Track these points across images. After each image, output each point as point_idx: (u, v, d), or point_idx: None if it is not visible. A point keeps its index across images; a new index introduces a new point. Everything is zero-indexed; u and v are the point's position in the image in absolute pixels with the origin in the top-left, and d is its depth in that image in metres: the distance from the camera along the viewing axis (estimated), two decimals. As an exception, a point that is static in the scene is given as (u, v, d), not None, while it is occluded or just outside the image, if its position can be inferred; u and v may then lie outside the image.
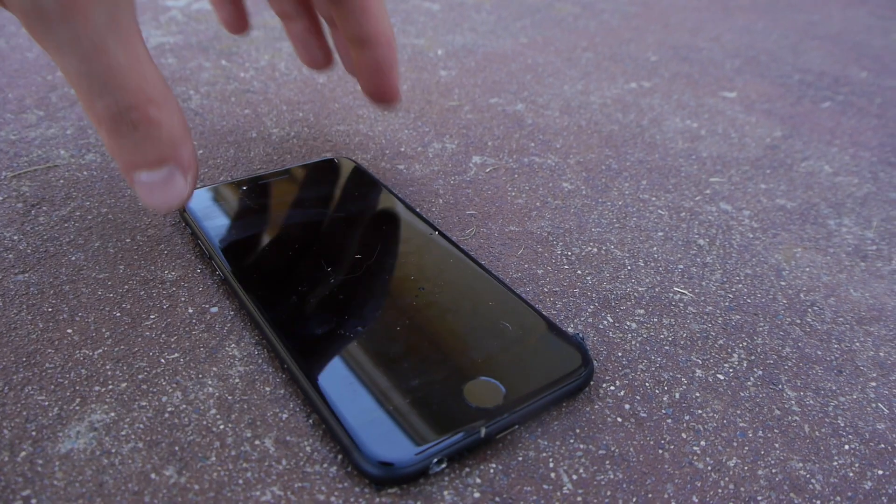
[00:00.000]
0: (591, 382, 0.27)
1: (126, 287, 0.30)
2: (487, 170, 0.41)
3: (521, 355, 0.26)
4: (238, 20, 0.39)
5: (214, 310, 0.29)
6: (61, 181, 0.37)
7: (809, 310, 0.32)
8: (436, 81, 0.53)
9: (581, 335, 0.28)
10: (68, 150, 0.40)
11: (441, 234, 0.33)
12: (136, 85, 0.24)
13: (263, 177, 0.37)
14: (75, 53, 0.23)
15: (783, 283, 0.34)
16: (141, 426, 0.24)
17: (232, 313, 0.29)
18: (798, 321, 0.31)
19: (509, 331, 0.27)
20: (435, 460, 0.22)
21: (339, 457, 0.23)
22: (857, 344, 0.30)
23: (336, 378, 0.24)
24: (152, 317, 0.29)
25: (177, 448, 0.23)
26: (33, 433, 0.24)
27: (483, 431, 0.23)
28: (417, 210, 0.35)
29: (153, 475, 0.22)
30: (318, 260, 0.30)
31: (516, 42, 0.64)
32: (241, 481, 0.22)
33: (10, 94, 0.47)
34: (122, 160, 0.26)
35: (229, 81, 0.51)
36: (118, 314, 0.29)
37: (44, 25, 0.22)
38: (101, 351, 0.27)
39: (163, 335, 0.28)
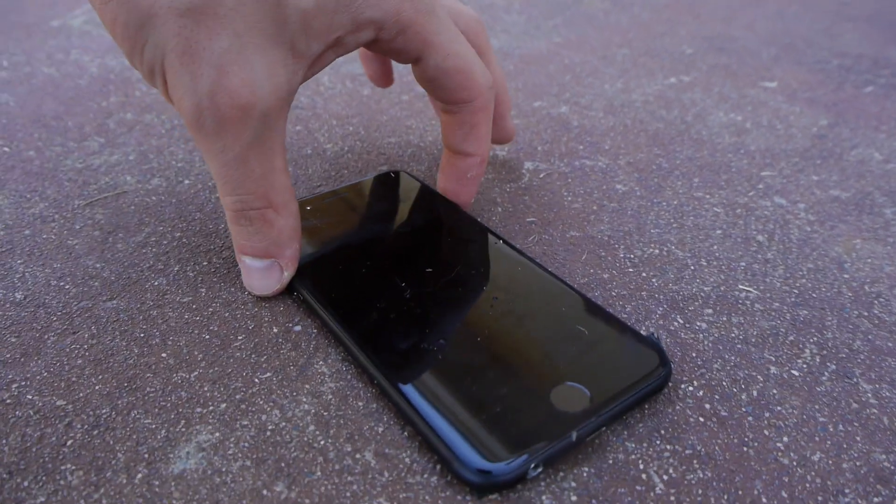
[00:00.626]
0: (670, 384, 0.28)
1: (210, 309, 0.31)
2: (541, 175, 0.42)
3: (600, 359, 0.27)
4: (383, 76, 0.43)
5: (298, 328, 0.30)
6: (132, 207, 0.39)
7: (876, 301, 0.32)
8: (478, 87, 0.54)
9: (655, 335, 0.28)
10: (134, 176, 0.42)
11: (506, 242, 0.33)
12: (262, 192, 0.29)
13: (325, 195, 0.38)
14: (220, 160, 0.28)
15: (846, 276, 0.34)
16: (246, 445, 0.25)
17: (314, 331, 0.30)
18: (866, 314, 0.32)
19: (586, 335, 0.28)
20: (532, 465, 0.23)
21: (438, 467, 0.24)
22: (928, 334, 0.30)
23: (426, 391, 0.25)
24: (240, 338, 0.30)
25: (283, 464, 0.24)
26: (146, 455, 0.25)
27: (574, 435, 0.24)
28: (479, 220, 0.36)
29: (265, 491, 0.24)
30: (392, 275, 0.31)
31: (550, 42, 0.65)
32: (348, 494, 0.23)
33: (70, 122, 0.49)
34: (236, 243, 0.31)
35: (277, 99, 0.52)
36: (207, 336, 0.30)
37: (200, 134, 0.28)
38: (196, 373, 0.28)
39: (253, 355, 0.29)
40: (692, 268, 0.34)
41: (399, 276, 0.31)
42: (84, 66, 0.58)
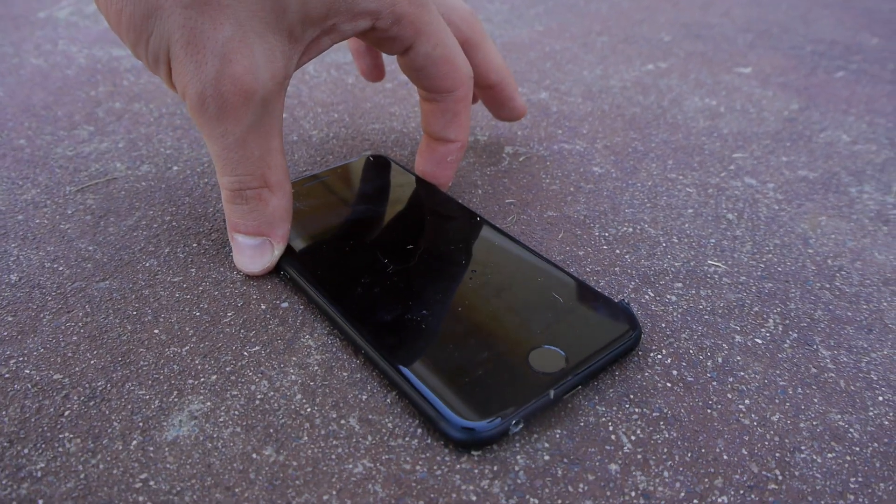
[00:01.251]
0: (640, 352, 0.29)
1: (200, 288, 0.33)
2: (521, 159, 0.43)
3: (574, 323, 0.28)
4: (375, 69, 0.45)
5: (285, 305, 0.32)
6: (122, 192, 0.40)
7: (837, 274, 0.34)
8: (460, 75, 0.55)
9: (626, 301, 0.30)
10: (124, 163, 0.43)
11: (482, 219, 0.35)
12: (260, 172, 0.31)
13: (306, 179, 0.39)
14: (221, 143, 0.30)
15: (811, 251, 0.36)
16: (236, 413, 0.26)
17: (301, 307, 0.31)
18: (828, 285, 0.33)
19: (560, 302, 0.29)
20: (513, 422, 0.24)
21: (419, 430, 0.26)
22: (885, 303, 0.32)
23: (412, 357, 0.27)
24: (229, 314, 0.31)
25: (271, 430, 0.26)
26: (140, 423, 0.26)
27: (552, 393, 0.25)
28: (457, 199, 0.37)
29: (254, 455, 0.25)
30: (374, 252, 0.33)
31: (532, 30, 0.66)
32: (333, 456, 0.25)
33: (59, 111, 0.49)
34: (229, 221, 0.33)
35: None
36: (198, 313, 0.31)
37: (203, 119, 0.29)
38: (188, 347, 0.29)
39: (242, 330, 0.30)
40: (664, 245, 0.36)
41: (381, 252, 0.33)
42: (72, 56, 0.59)
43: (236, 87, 0.28)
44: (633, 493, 0.24)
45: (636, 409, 0.27)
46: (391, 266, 0.32)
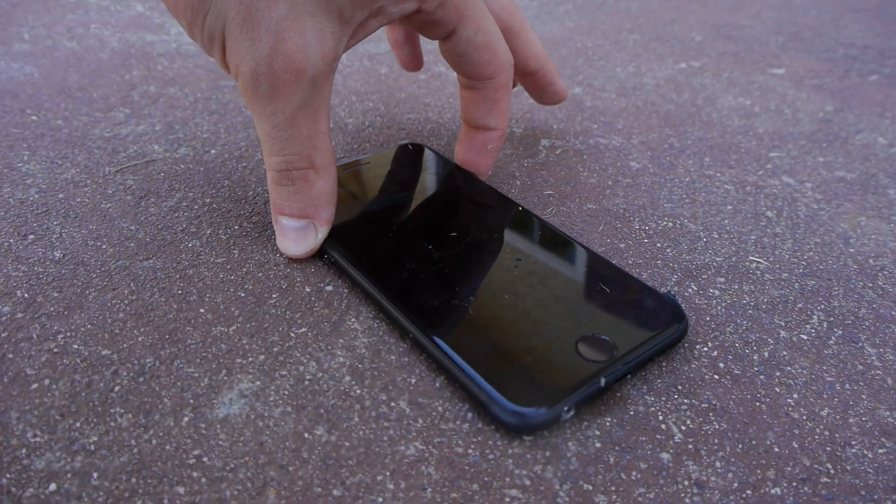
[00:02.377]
0: (686, 344, 0.29)
1: (244, 270, 0.33)
2: (557, 151, 0.43)
3: (622, 314, 0.28)
4: (413, 59, 0.45)
5: (329, 288, 0.32)
6: (161, 174, 0.40)
7: (880, 274, 0.34)
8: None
9: (672, 293, 0.30)
10: (161, 146, 0.43)
11: (524, 208, 0.35)
12: (307, 153, 0.31)
13: (347, 165, 0.39)
14: (271, 122, 0.30)
15: (852, 251, 0.35)
16: (286, 392, 0.27)
17: (346, 291, 0.31)
18: (870, 284, 0.33)
19: (606, 292, 0.29)
20: (565, 408, 0.24)
21: (470, 415, 0.26)
22: (930, 304, 0.32)
23: (462, 342, 0.27)
24: (274, 296, 0.31)
25: (322, 411, 0.26)
26: (191, 401, 0.26)
27: (603, 381, 0.25)
28: (498, 189, 0.37)
29: (306, 434, 0.25)
30: (417, 239, 0.33)
31: (563, 27, 0.66)
32: (385, 438, 0.25)
33: (95, 93, 0.50)
34: (274, 203, 0.33)
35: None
36: (242, 294, 0.31)
37: (255, 97, 0.29)
38: (235, 327, 0.29)
39: (287, 312, 0.30)
40: (704, 240, 0.36)
41: (425, 239, 0.33)
42: (104, 39, 0.59)
43: (288, 64, 0.28)
44: (686, 482, 0.24)
45: (685, 400, 0.27)
46: (435, 253, 0.32)
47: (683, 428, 0.26)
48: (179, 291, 0.31)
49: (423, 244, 0.32)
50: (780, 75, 0.56)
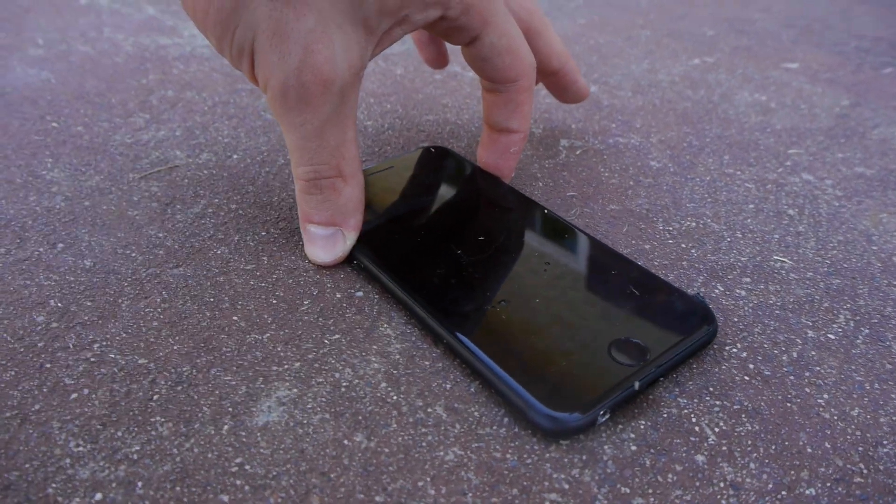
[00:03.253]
0: (715, 346, 0.29)
1: (274, 276, 0.33)
2: (577, 152, 0.44)
3: (653, 316, 0.29)
4: (439, 58, 0.45)
5: (360, 294, 0.32)
6: (185, 181, 0.40)
7: (904, 271, 0.34)
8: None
9: (701, 295, 0.30)
10: (183, 151, 0.43)
11: (550, 211, 0.35)
12: (335, 162, 0.31)
13: (370, 169, 0.39)
14: (300, 133, 0.30)
15: (875, 248, 0.36)
16: (323, 399, 0.27)
17: (376, 296, 0.32)
18: (895, 282, 0.33)
19: (636, 295, 0.30)
20: (601, 412, 0.25)
21: (506, 419, 0.26)
22: (955, 301, 0.32)
23: (496, 346, 0.27)
24: (306, 302, 0.31)
25: (360, 417, 0.26)
26: (230, 409, 0.27)
27: (637, 384, 0.26)
28: (521, 191, 0.37)
29: (346, 441, 0.25)
30: (446, 243, 0.33)
31: (574, 23, 0.66)
32: (424, 444, 0.25)
33: (113, 98, 0.50)
34: (302, 212, 0.33)
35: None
36: (274, 301, 0.32)
37: (284, 109, 0.29)
38: (268, 335, 0.30)
39: (320, 318, 0.31)
40: (728, 239, 0.36)
41: (453, 243, 0.33)
42: (118, 44, 0.59)
43: (317, 77, 0.28)
44: (721, 484, 0.24)
45: (717, 402, 0.27)
46: (465, 257, 0.32)
47: (717, 430, 0.26)
48: (211, 299, 0.32)
49: (451, 248, 0.33)
50: (794, 70, 0.56)
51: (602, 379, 0.26)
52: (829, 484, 0.24)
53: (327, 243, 0.33)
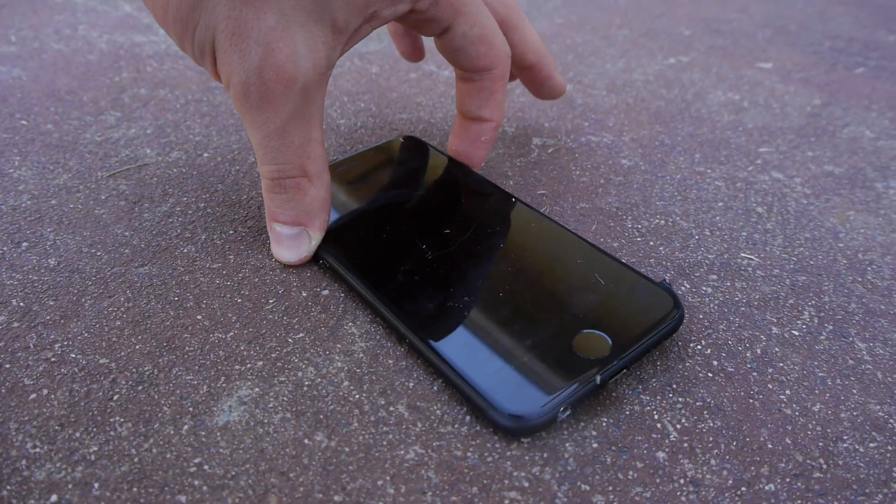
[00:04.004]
0: (680, 342, 0.29)
1: (240, 275, 0.33)
2: (549, 150, 0.44)
3: (617, 305, 0.29)
4: (414, 51, 0.45)
5: (325, 293, 0.32)
6: (154, 179, 0.40)
7: (868, 268, 0.34)
8: (483, 66, 0.55)
9: (667, 281, 0.30)
10: (153, 149, 0.43)
11: (517, 200, 0.35)
12: (299, 161, 0.31)
13: (338, 163, 0.39)
14: (262, 132, 0.30)
15: (841, 245, 0.36)
16: (285, 398, 0.27)
17: (342, 295, 0.32)
18: (860, 279, 0.34)
19: (602, 284, 0.30)
20: (561, 409, 0.25)
21: (468, 418, 0.26)
22: (918, 298, 0.32)
23: (457, 344, 0.27)
24: (271, 301, 0.31)
25: (321, 416, 0.26)
26: (190, 408, 0.26)
27: (598, 379, 0.26)
28: (490, 181, 0.37)
29: (306, 440, 0.25)
30: (412, 238, 0.33)
31: (552, 22, 0.66)
32: (385, 443, 0.25)
33: (84, 96, 0.49)
34: (268, 210, 0.33)
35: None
36: (239, 300, 0.31)
37: (246, 108, 0.29)
38: (232, 334, 0.30)
39: (284, 317, 0.30)
40: (696, 237, 0.36)
41: (419, 238, 0.33)
42: (93, 41, 0.59)
43: (278, 75, 0.28)
44: (681, 481, 0.24)
45: (680, 399, 0.27)
46: (430, 252, 0.32)
47: (679, 426, 0.26)
48: (176, 298, 0.31)
49: (416, 244, 0.33)
50: (767, 69, 0.56)
51: (563, 374, 0.26)
52: (788, 479, 0.24)
53: (293, 243, 0.33)
